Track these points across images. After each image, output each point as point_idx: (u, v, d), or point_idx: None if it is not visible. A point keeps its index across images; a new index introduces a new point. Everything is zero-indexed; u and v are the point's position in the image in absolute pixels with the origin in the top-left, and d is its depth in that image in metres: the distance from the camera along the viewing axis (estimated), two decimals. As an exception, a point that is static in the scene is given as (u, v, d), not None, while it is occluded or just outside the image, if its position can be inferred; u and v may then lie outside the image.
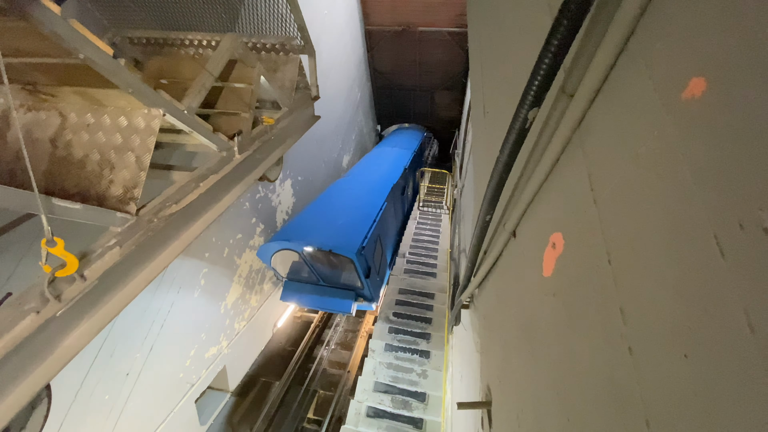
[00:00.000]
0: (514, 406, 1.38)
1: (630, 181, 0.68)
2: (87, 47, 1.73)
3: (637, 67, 0.66)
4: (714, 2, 0.50)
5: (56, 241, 1.56)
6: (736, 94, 0.46)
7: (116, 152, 2.12)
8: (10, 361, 1.57)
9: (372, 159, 13.00)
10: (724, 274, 0.47)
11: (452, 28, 14.00)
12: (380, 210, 8.92)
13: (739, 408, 0.44)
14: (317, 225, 7.80)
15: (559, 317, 0.96)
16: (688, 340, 0.52)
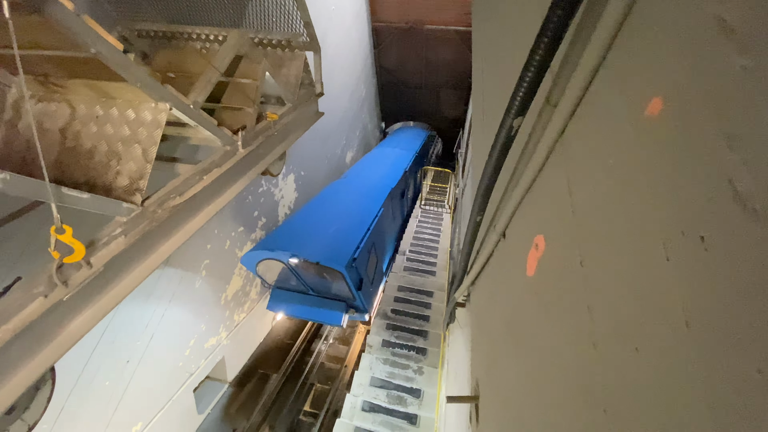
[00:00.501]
0: (499, 400, 1.44)
1: (600, 189, 0.73)
2: (98, 42, 1.79)
3: (612, 83, 0.71)
4: (673, 31, 0.55)
5: (65, 229, 1.63)
6: (684, 116, 0.51)
7: (123, 144, 2.19)
8: (18, 343, 1.64)
9: (371, 160, 12.46)
10: (668, 276, 0.52)
11: (460, 27, 13.93)
12: (376, 217, 8.45)
13: (680, 397, 0.50)
14: (306, 232, 7.32)
15: (539, 315, 1.02)
16: (639, 335, 0.58)
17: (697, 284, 0.47)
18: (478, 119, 3.41)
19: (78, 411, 4.76)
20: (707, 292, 0.45)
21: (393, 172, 11.42)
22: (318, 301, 7.50)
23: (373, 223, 8.15)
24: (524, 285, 1.16)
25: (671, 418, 0.49)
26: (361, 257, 7.08)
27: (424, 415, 6.43)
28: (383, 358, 7.44)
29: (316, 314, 7.44)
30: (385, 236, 9.48)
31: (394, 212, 10.64)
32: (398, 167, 11.88)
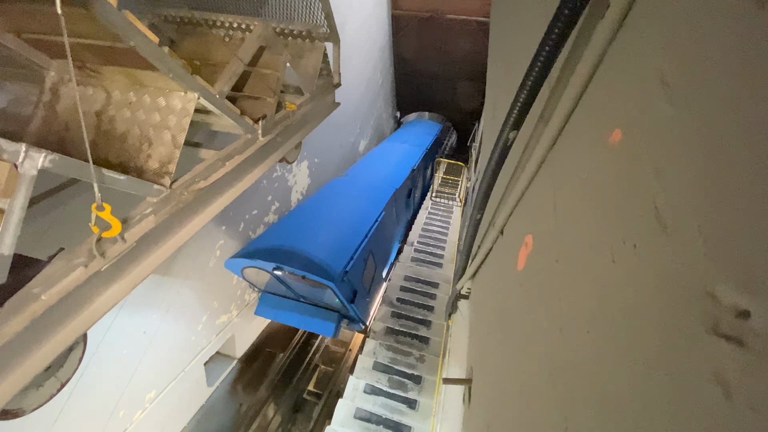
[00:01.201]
0: (488, 382, 1.59)
1: (574, 199, 0.85)
2: (137, 36, 1.94)
3: (590, 109, 0.82)
4: (631, 75, 0.66)
5: (104, 207, 1.81)
6: (632, 148, 0.62)
7: (154, 130, 2.35)
8: (60, 307, 1.84)
9: (376, 157, 11.67)
10: (612, 275, 0.65)
11: (481, 18, 13.65)
12: (376, 222, 7.84)
13: (619, 372, 0.62)
14: (296, 237, 6.68)
15: (523, 304, 1.15)
16: (590, 321, 0.70)
17: (630, 281, 0.59)
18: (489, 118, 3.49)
19: (98, 375, 5.10)
20: (635, 288, 0.57)
21: (399, 171, 10.72)
22: (309, 309, 7.04)
23: (373, 229, 7.60)
24: (514, 278, 1.29)
25: (606, 384, 0.62)
26: (355, 268, 6.53)
27: (423, 401, 6.64)
28: (386, 344, 7.65)
29: (306, 323, 7.03)
30: (386, 240, 8.97)
31: (398, 214, 10.01)
32: (405, 166, 11.14)
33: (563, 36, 0.78)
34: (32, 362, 1.74)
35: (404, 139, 13.78)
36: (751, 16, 0.39)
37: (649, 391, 0.49)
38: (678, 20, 0.54)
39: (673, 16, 0.55)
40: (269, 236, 6.94)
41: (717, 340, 0.40)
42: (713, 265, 0.42)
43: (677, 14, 0.54)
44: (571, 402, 0.71)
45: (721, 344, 0.39)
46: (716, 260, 0.42)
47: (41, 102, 2.72)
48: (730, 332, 0.38)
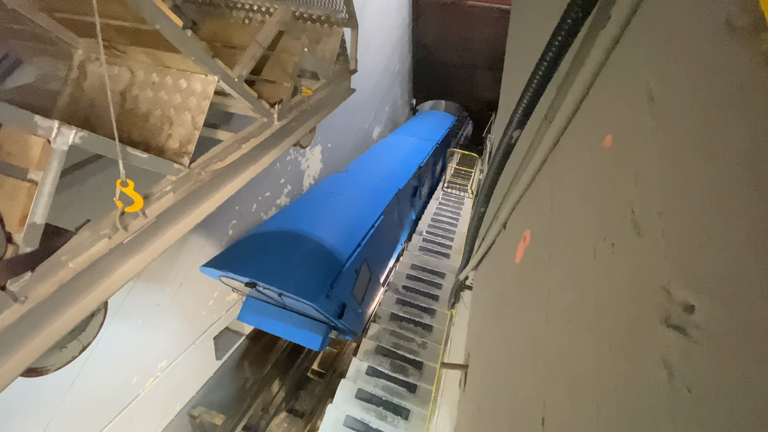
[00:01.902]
0: (481, 367, 1.67)
1: (568, 197, 0.90)
2: (162, 19, 2.00)
3: (589, 114, 0.86)
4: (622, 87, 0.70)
5: (128, 183, 1.91)
6: (618, 153, 0.67)
7: (175, 110, 2.44)
8: (86, 275, 1.97)
9: (381, 151, 10.75)
10: (593, 270, 0.70)
11: (504, 6, 13.27)
12: (372, 227, 7.10)
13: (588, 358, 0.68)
14: (280, 245, 5.96)
15: (517, 295, 1.21)
16: (572, 313, 0.76)
17: (605, 276, 0.65)
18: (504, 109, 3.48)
19: (113, 342, 5.36)
20: (609, 283, 0.63)
21: (404, 168, 9.81)
22: (295, 318, 6.33)
23: (368, 235, 6.88)
24: (511, 270, 1.34)
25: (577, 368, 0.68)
26: (344, 282, 5.84)
27: (422, 386, 6.80)
28: (390, 329, 7.80)
29: (291, 334, 6.36)
30: (385, 245, 8.19)
31: (401, 215, 9.24)
32: (412, 162, 10.23)
33: (566, 43, 0.82)
34: (59, 324, 1.88)
35: (413, 132, 12.77)
36: (722, 41, 0.44)
37: (611, 375, 0.55)
38: (665, 39, 0.58)
39: (662, 35, 0.59)
40: (249, 241, 6.16)
41: (666, 330, 0.45)
42: (669, 265, 0.47)
43: (666, 33, 0.58)
44: (549, 384, 0.78)
45: (669, 333, 0.45)
46: (672, 261, 0.47)
47: (69, 79, 2.83)
48: (677, 323, 0.44)
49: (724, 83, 0.43)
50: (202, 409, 7.58)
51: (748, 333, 0.33)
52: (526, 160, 1.26)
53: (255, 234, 6.49)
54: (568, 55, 0.91)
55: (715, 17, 0.45)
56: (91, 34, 2.73)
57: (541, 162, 1.14)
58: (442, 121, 14.81)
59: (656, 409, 0.43)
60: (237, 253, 6.01)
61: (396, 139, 12.08)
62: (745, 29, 0.40)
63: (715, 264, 0.39)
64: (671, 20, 0.56)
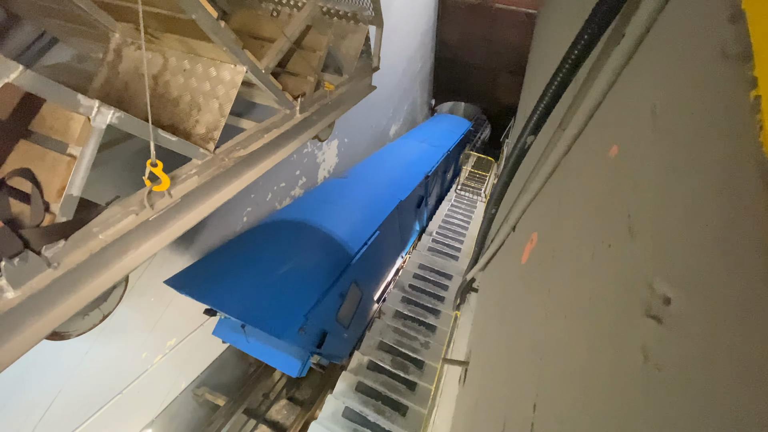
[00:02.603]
0: (481, 364, 1.72)
1: (575, 201, 0.94)
2: (199, 10, 2.10)
3: (599, 125, 0.90)
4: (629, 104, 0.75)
5: (157, 163, 2.02)
6: (619, 164, 0.72)
7: (204, 97, 2.54)
8: (113, 247, 2.09)
9: (386, 156, 9.98)
10: (590, 269, 0.75)
11: (532, 10, 13.14)
12: (365, 245, 6.38)
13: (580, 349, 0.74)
14: (254, 265, 5.11)
15: (520, 294, 1.26)
16: (568, 308, 0.81)
17: (600, 274, 0.70)
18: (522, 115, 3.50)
19: (129, 317, 5.57)
20: (603, 280, 0.68)
21: (409, 177, 9.03)
22: (273, 339, 5.58)
23: (360, 253, 6.18)
24: (517, 270, 1.39)
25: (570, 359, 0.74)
26: (324, 310, 5.09)
27: (422, 385, 6.86)
28: (394, 326, 7.87)
29: (268, 356, 5.70)
30: (381, 260, 7.50)
31: (403, 228, 8.51)
32: (418, 171, 9.40)
33: (582, 56, 0.86)
34: (85, 291, 2.00)
35: (424, 136, 11.94)
36: (717, 66, 0.48)
37: (598, 362, 0.61)
38: (672, 61, 0.62)
39: (669, 56, 0.64)
40: (220, 257, 5.26)
41: (647, 320, 0.50)
42: (654, 263, 0.52)
43: (672, 55, 0.62)
44: (543, 374, 0.83)
45: (648, 322, 0.50)
46: (657, 260, 0.52)
47: (105, 61, 2.96)
48: (655, 314, 0.49)
49: (713, 103, 0.47)
50: (206, 389, 7.79)
51: (710, 319, 0.39)
52: (539, 166, 1.31)
53: (228, 248, 5.58)
54: (584, 68, 0.96)
55: (713, 45, 0.49)
56: (128, 19, 2.86)
57: (553, 168, 1.18)
58: (456, 126, 13.95)
59: (632, 388, 0.49)
60: (202, 271, 5.11)
61: (404, 143, 11.27)
62: (736, 57, 0.45)
63: (690, 261, 0.44)
64: (677, 44, 0.61)
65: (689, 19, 0.58)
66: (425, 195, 9.86)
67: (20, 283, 1.66)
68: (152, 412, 6.71)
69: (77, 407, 5.23)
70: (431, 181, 9.99)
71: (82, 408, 5.31)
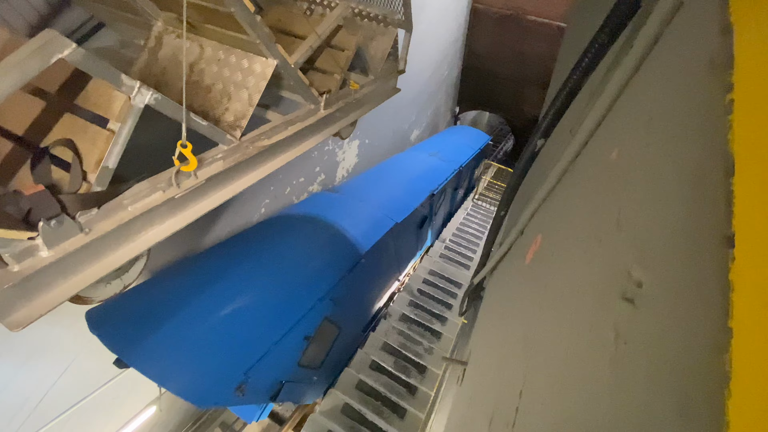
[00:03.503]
0: (479, 361, 1.75)
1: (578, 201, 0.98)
2: (238, 4, 2.22)
3: (605, 132, 0.94)
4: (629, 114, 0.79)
5: (187, 144, 2.14)
6: (616, 165, 0.76)
7: (235, 87, 2.67)
8: (141, 219, 2.22)
9: (388, 170, 9.01)
10: (582, 263, 0.79)
11: (564, 24, 13.03)
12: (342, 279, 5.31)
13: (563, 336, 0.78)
14: (197, 298, 3.98)
15: (521, 293, 1.29)
16: (559, 299, 0.85)
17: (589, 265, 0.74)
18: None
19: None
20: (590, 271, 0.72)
21: (411, 195, 7.95)
22: None
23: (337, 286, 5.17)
24: (521, 270, 1.43)
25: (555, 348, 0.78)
26: (275, 360, 4.15)
27: (423, 389, 6.85)
28: (399, 329, 7.88)
29: None
30: (368, 290, 6.67)
31: (400, 251, 7.62)
32: (423, 188, 8.36)
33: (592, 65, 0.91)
34: (112, 259, 2.14)
35: (436, 148, 10.86)
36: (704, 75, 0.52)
37: (579, 344, 0.65)
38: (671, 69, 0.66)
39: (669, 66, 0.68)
40: (163, 284, 4.21)
41: (622, 303, 0.55)
42: (633, 252, 0.56)
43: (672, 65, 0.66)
44: (529, 365, 0.87)
45: (622, 305, 0.54)
46: (636, 249, 0.56)
47: (147, 47, 3.13)
48: (629, 296, 0.53)
49: (697, 108, 0.52)
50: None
51: (671, 297, 0.43)
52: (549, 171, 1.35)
53: (175, 273, 4.46)
54: (597, 76, 1.00)
55: (704, 56, 0.53)
56: (171, 9, 3.02)
57: (562, 173, 1.22)
58: (473, 139, 12.64)
59: (601, 361, 0.53)
60: (132, 304, 3.95)
61: (411, 156, 10.17)
62: (721, 65, 0.50)
63: (661, 248, 0.49)
64: (678, 55, 0.65)
65: (689, 32, 0.62)
66: (430, 214, 8.86)
67: (54, 244, 1.79)
68: (157, 390, 6.91)
69: (85, 380, 5.42)
70: (437, 200, 9.00)
71: (89, 381, 5.50)
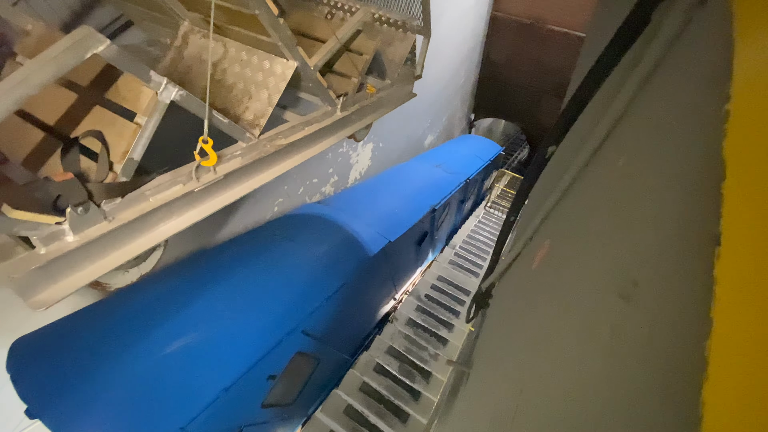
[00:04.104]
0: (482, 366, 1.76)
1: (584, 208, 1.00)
2: (262, 7, 2.31)
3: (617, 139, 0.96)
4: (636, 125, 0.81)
5: (208, 140, 2.22)
6: (622, 168, 0.78)
7: (255, 87, 2.76)
8: (160, 211, 2.30)
9: (386, 183, 8.33)
10: (583, 263, 0.81)
11: (583, 34, 12.95)
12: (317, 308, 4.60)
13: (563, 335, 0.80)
14: (143, 333, 3.35)
15: (526, 296, 1.31)
16: (564, 297, 0.87)
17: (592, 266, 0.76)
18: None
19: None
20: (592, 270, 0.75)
21: (410, 209, 7.36)
22: None
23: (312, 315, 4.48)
24: (528, 275, 1.45)
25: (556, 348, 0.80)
26: (229, 406, 3.39)
27: (426, 395, 6.82)
28: (405, 333, 7.87)
29: None
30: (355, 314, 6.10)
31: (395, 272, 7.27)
32: (423, 203, 7.66)
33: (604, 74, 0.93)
34: (131, 247, 2.22)
35: (441, 159, 10.04)
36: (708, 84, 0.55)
37: (576, 344, 0.67)
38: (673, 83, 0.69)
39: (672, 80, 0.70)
40: (89, 323, 3.44)
41: (618, 300, 0.57)
42: (632, 252, 0.59)
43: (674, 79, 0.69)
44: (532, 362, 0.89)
45: (619, 303, 0.56)
46: (634, 249, 0.58)
47: (173, 46, 3.25)
48: (625, 294, 0.55)
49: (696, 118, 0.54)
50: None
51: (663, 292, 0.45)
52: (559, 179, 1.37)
53: (109, 307, 3.67)
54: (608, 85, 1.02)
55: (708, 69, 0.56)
56: (198, 10, 3.13)
57: (572, 180, 1.24)
58: (483, 150, 11.67)
59: (595, 354, 0.55)
60: (50, 344, 3.20)
61: (413, 167, 9.35)
62: (720, 78, 0.52)
63: (656, 246, 0.51)
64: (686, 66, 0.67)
65: (696, 47, 0.64)
66: (432, 230, 8.16)
67: (79, 230, 1.88)
68: None
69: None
70: (439, 215, 8.26)
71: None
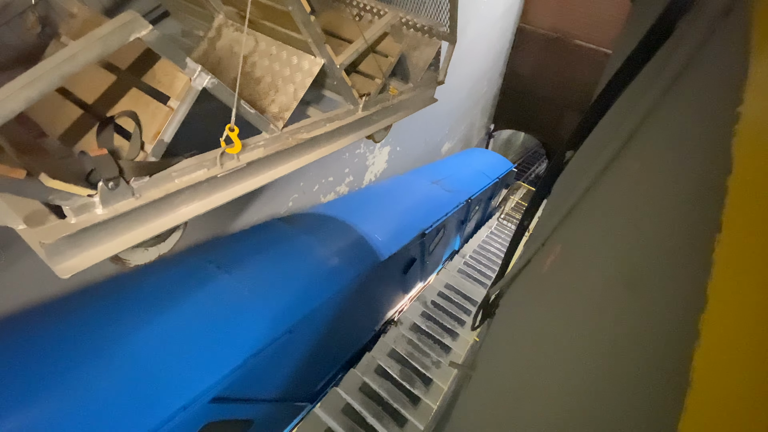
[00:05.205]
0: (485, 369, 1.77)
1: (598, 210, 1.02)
2: (296, 4, 2.39)
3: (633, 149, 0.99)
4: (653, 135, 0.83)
5: (234, 128, 2.31)
6: (638, 174, 0.80)
7: (282, 81, 2.84)
8: (184, 192, 2.39)
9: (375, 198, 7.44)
10: (587, 265, 0.84)
11: (610, 50, 12.80)
12: (245, 361, 3.76)
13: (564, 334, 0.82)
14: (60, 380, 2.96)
15: (534, 299, 1.33)
16: (566, 297, 0.89)
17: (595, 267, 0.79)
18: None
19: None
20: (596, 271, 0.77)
21: (394, 234, 6.49)
22: None
23: (234, 374, 3.66)
24: (538, 278, 1.46)
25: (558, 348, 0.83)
26: None
27: (426, 402, 6.79)
28: (408, 338, 7.85)
29: None
30: (314, 356, 5.22)
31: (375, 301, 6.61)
32: (411, 225, 6.77)
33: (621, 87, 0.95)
34: (154, 225, 2.31)
35: (441, 175, 8.86)
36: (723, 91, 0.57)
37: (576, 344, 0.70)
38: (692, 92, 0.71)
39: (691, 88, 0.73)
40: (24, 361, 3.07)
41: (623, 291, 0.59)
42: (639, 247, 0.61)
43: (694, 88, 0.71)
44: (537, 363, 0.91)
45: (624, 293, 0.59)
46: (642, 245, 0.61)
47: (207, 37, 3.38)
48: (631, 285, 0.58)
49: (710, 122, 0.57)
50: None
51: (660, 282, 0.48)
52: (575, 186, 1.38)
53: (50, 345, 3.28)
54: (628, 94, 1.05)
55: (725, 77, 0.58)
56: (233, 4, 3.24)
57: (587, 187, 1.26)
58: (491, 167, 10.47)
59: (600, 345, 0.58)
60: None
61: (407, 182, 8.24)
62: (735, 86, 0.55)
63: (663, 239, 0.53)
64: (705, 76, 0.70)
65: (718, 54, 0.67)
66: (422, 255, 7.11)
67: (109, 204, 1.98)
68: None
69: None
70: (430, 240, 7.18)
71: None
